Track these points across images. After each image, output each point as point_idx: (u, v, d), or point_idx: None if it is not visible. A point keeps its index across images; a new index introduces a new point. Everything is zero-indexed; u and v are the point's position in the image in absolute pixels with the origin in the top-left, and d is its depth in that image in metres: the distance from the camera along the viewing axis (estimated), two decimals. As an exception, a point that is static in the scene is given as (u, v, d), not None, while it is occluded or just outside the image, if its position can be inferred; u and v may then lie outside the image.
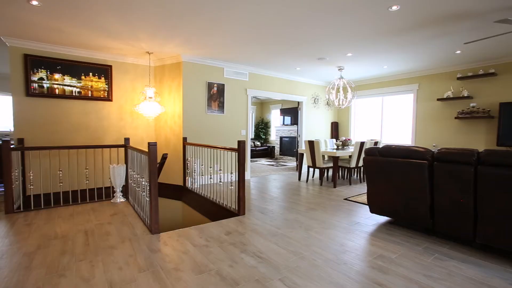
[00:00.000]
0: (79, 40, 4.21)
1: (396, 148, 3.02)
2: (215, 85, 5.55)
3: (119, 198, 4.13)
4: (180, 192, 5.32)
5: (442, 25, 3.54)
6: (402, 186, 2.93)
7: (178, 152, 5.32)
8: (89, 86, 4.83)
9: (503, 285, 1.98)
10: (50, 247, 2.53)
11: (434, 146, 6.08)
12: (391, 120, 7.02)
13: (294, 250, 2.51)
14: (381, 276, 2.07)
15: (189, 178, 5.11)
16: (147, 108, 4.85)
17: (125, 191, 4.37)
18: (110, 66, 5.00)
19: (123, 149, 5.03)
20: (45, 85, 4.46)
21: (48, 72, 4.48)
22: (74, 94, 4.69)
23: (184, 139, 5.14)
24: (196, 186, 5.03)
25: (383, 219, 3.41)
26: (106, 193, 4.55)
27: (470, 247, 2.60)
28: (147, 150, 2.92)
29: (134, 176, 3.89)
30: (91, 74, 4.84)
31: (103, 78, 4.95)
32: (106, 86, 4.99)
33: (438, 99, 5.93)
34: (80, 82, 4.75)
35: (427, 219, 2.79)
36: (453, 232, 2.64)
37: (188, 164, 5.06)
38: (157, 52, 4.87)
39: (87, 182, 4.45)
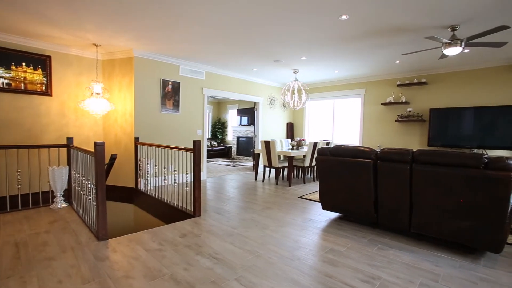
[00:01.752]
0: (9, 23, 3.71)
1: (345, 148, 3.24)
2: (170, 83, 5.35)
3: (60, 203, 3.75)
4: (132, 195, 5.01)
5: (384, 36, 3.89)
6: (350, 183, 3.15)
7: (129, 152, 5.01)
8: (22, 78, 4.28)
9: (430, 266, 2.26)
10: (-29, 263, 2.19)
11: (378, 146, 6.66)
12: (342, 122, 7.51)
13: (250, 249, 2.54)
14: (332, 269, 2.20)
15: (141, 179, 4.84)
16: (94, 105, 4.47)
17: (68, 195, 3.97)
18: (49, 57, 4.49)
19: (65, 149, 4.56)
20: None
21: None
22: (1, 86, 4.11)
23: (136, 138, 4.86)
24: (149, 188, 4.78)
25: (334, 215, 3.63)
26: (44, 198, 4.07)
27: (407, 237, 2.90)
28: (93, 150, 2.70)
29: (79, 178, 3.56)
30: (24, 64, 4.28)
31: (39, 70, 4.42)
32: (44, 79, 4.47)
33: (381, 104, 6.51)
34: (10, 73, 4.16)
35: (372, 213, 3.04)
36: (393, 224, 2.92)
37: (141, 165, 4.80)
38: (105, 45, 4.52)
39: (19, 186, 3.93)
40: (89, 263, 2.21)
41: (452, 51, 3.50)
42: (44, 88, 4.48)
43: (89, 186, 3.12)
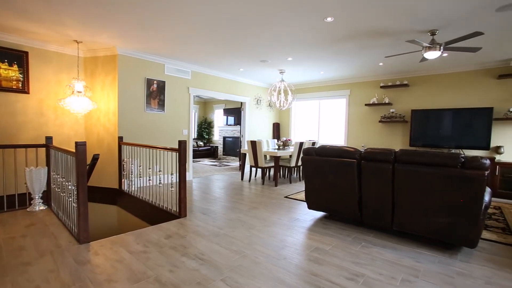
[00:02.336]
0: (-16, 19, 3.53)
1: (330, 148, 3.29)
2: (155, 82, 5.25)
3: (38, 206, 3.60)
4: (115, 196, 4.89)
5: (368, 39, 3.98)
6: (335, 183, 3.21)
7: (112, 152, 4.88)
8: (-3, 75, 4.08)
9: (411, 263, 2.34)
10: None
11: (363, 146, 6.80)
12: (327, 122, 7.62)
13: (237, 249, 2.53)
14: (317, 267, 2.23)
15: (125, 180, 4.73)
16: (75, 104, 4.33)
17: (47, 197, 3.82)
18: (26, 53, 4.31)
19: (44, 149, 4.38)
20: None
21: None
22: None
23: (120, 138, 4.75)
24: (133, 188, 4.68)
25: (319, 214, 3.68)
26: (20, 200, 3.89)
27: (389, 234, 2.98)
28: (74, 150, 2.61)
29: (59, 179, 3.43)
30: (-2, 59, 4.08)
31: (15, 66, 4.23)
32: (21, 75, 4.28)
33: (365, 104, 6.65)
34: (-18, 69, 3.97)
35: (356, 212, 3.10)
36: (376, 222, 2.99)
37: (125, 165, 4.69)
38: (87, 41, 4.38)
39: (-5, 188, 3.76)
40: (69, 267, 2.14)
41: (431, 55, 3.62)
42: (20, 85, 4.29)
43: (69, 187, 3.01)
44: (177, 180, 3.38)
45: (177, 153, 3.36)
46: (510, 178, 4.79)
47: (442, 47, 3.56)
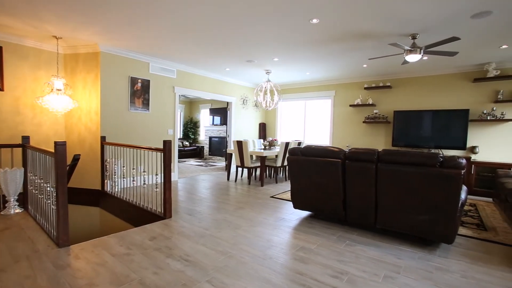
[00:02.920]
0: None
1: (316, 148, 3.33)
2: (139, 80, 5.14)
3: (13, 209, 3.45)
4: (98, 197, 4.75)
5: (353, 41, 4.06)
6: (321, 182, 3.25)
7: (95, 152, 4.74)
8: (-30, 71, 3.87)
9: (393, 259, 2.41)
10: None
11: (347, 146, 6.94)
12: (313, 122, 7.72)
13: (223, 250, 2.52)
14: (302, 266, 2.26)
15: (108, 181, 4.61)
16: (54, 102, 4.17)
17: (23, 199, 3.66)
18: (0, 48, 4.11)
19: (20, 149, 4.20)
20: None
21: None
22: None
23: (103, 138, 4.62)
24: (116, 189, 4.56)
25: (305, 213, 3.72)
26: (-5, 203, 3.72)
27: (373, 232, 3.06)
28: (53, 150, 2.51)
29: (36, 181, 3.30)
30: (-29, 55, 3.87)
31: (-10, 63, 4.03)
32: (-4, 72, 4.08)
33: (350, 105, 6.79)
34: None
35: (341, 211, 3.16)
36: (360, 221, 3.06)
37: (107, 166, 4.56)
38: (67, 38, 4.23)
39: (-33, 190, 3.57)
40: (47, 273, 2.06)
41: (412, 58, 3.74)
42: (-5, 82, 4.08)
43: (48, 189, 2.90)
44: (162, 181, 3.33)
45: (162, 153, 3.31)
46: (484, 177, 5.03)
47: (422, 51, 3.68)
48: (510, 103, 5.01)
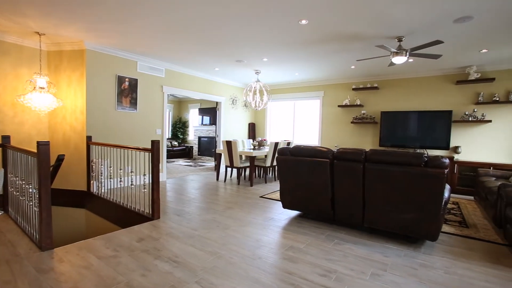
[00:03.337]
0: None
1: (304, 148, 3.36)
2: (127, 79, 5.05)
3: (-6, 211, 3.32)
4: (83, 199, 4.64)
5: (341, 42, 4.12)
6: (309, 182, 3.28)
7: (80, 152, 4.62)
8: None
9: (380, 257, 2.46)
10: None
11: (336, 146, 7.03)
12: (302, 123, 7.78)
13: (212, 250, 2.51)
14: (292, 265, 2.27)
15: (94, 182, 4.50)
16: (37, 101, 4.04)
17: (3, 201, 3.53)
18: (-19, 45, 3.95)
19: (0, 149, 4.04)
20: None
21: None
22: None
23: (89, 138, 4.51)
24: (103, 190, 4.47)
25: (294, 213, 3.74)
26: (-27, 205, 3.57)
27: (361, 231, 3.11)
28: (36, 150, 2.44)
29: (18, 182, 3.19)
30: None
31: (-31, 59, 3.87)
32: (-25, 69, 3.92)
33: (338, 106, 6.88)
34: None
35: (329, 210, 3.20)
36: (348, 220, 3.10)
37: (94, 166, 4.46)
38: (51, 34, 4.11)
39: None
40: (29, 277, 2.00)
41: (398, 60, 3.83)
42: (-26, 80, 3.92)
43: (30, 190, 2.81)
44: (150, 181, 3.28)
45: (150, 153, 3.26)
46: (466, 176, 5.20)
47: (407, 53, 3.77)
48: (490, 105, 5.20)
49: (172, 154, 10.28)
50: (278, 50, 4.59)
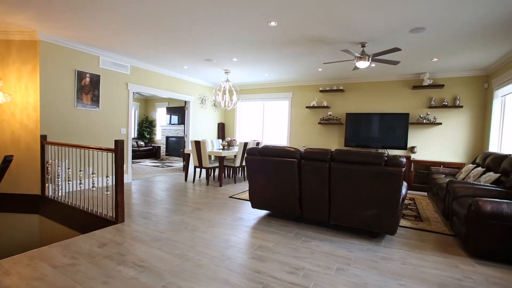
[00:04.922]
0: None
1: (273, 148, 3.41)
2: (88, 75, 4.74)
3: None
4: (37, 203, 4.26)
5: (309, 45, 4.24)
6: (277, 182, 3.34)
7: (33, 153, 4.24)
8: None
9: (344, 253, 2.57)
10: None
11: (304, 146, 7.22)
12: (271, 123, 7.88)
13: (179, 253, 2.45)
14: (260, 264, 2.29)
15: (50, 185, 4.17)
16: (-20, 96, 3.64)
17: None
18: None
19: None
20: None
21: None
22: None
23: (43, 137, 4.16)
24: (60, 194, 4.15)
25: (263, 212, 3.78)
26: None
27: (327, 228, 3.23)
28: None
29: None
30: None
31: None
32: None
33: (306, 107, 7.08)
34: None
35: (297, 209, 3.28)
36: (315, 218, 3.21)
37: (49, 168, 4.12)
38: (-2, 23, 3.73)
39: None
40: (-27, 291, 1.80)
41: (362, 64, 4.04)
42: None
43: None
44: (114, 183, 3.11)
45: (114, 154, 3.10)
46: (422, 174, 5.64)
47: (370, 58, 3.99)
48: (440, 109, 5.70)
49: (138, 155, 9.86)
50: (248, 50, 4.61)
